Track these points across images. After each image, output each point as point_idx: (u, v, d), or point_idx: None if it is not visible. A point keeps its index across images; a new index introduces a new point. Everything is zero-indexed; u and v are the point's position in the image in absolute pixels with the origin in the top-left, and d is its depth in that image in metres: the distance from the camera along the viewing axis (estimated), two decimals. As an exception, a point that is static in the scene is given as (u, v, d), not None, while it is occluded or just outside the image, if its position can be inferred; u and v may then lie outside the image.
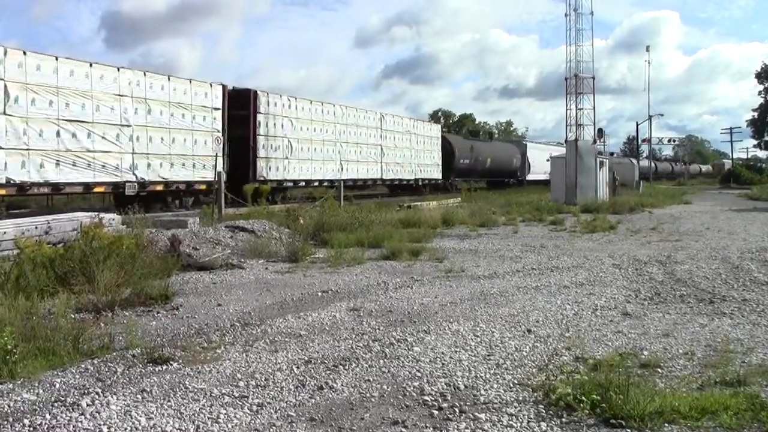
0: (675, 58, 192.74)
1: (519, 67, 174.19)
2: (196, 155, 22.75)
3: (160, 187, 21.80)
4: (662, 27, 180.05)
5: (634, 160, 55.47)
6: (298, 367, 5.12)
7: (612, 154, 50.76)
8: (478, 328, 6.32)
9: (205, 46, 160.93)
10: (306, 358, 5.36)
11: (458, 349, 5.61)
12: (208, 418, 4.13)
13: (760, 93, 66.96)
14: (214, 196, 18.32)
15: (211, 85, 24.00)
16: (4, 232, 9.01)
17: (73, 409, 4.21)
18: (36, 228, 9.59)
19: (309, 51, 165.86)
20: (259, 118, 25.91)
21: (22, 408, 4.27)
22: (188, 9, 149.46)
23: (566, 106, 29.98)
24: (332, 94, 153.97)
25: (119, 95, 20.09)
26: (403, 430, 3.97)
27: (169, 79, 22.31)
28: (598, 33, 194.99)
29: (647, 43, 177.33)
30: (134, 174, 20.59)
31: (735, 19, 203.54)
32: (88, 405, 4.27)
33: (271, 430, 3.97)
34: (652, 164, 64.45)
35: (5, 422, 4.02)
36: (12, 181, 17.20)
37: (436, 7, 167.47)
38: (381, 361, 5.29)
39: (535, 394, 4.49)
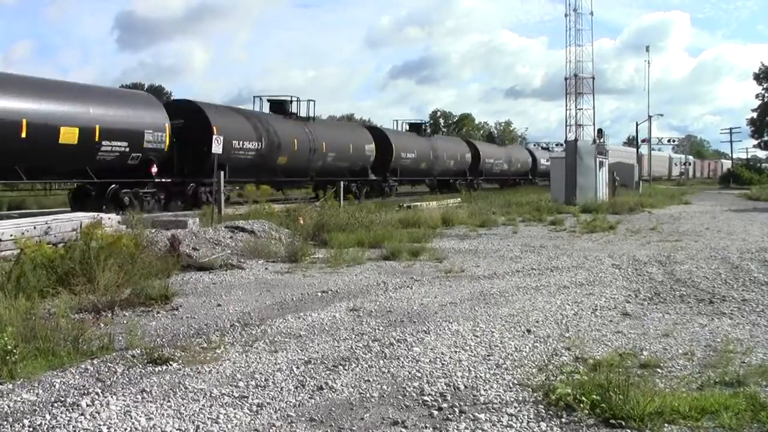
0: (682, 58, 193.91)
1: (526, 68, 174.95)
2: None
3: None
4: (671, 28, 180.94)
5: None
6: (297, 368, 5.12)
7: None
8: (477, 329, 6.32)
9: (216, 48, 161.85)
10: (306, 359, 5.36)
11: (458, 350, 5.61)
12: (208, 418, 4.13)
13: (758, 96, 67.06)
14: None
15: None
16: (4, 233, 9.01)
17: (72, 410, 4.21)
18: (35, 228, 9.58)
19: (319, 52, 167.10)
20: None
21: (21, 408, 4.27)
22: (199, 11, 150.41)
23: (566, 106, 30.10)
24: (340, 94, 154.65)
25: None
26: (402, 430, 3.97)
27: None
28: (607, 34, 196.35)
29: (657, 44, 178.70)
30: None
31: (742, 20, 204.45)
32: (87, 405, 4.27)
33: (271, 430, 3.97)
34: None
35: (5, 422, 4.02)
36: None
37: (448, 8, 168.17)
38: (381, 361, 5.30)
39: (535, 394, 4.49)
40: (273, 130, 26.29)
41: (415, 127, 41.95)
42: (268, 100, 29.33)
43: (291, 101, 29.27)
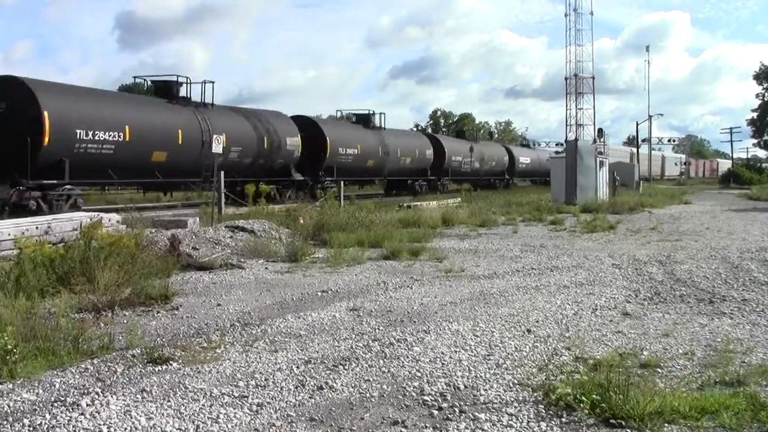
0: (682, 58, 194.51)
1: (526, 68, 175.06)
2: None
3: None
4: (671, 28, 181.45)
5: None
6: (297, 367, 5.12)
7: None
8: (477, 328, 6.32)
9: (216, 48, 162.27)
10: (306, 358, 5.36)
11: (458, 349, 5.61)
12: (208, 418, 4.13)
13: (758, 95, 67.17)
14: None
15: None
16: (3, 232, 9.01)
17: (72, 409, 4.21)
18: (36, 228, 9.59)
19: (319, 52, 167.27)
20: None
21: (21, 408, 4.27)
22: (199, 11, 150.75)
23: (566, 105, 30.10)
24: (340, 94, 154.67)
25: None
26: (402, 430, 3.97)
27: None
28: (607, 34, 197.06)
29: (657, 44, 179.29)
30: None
31: (742, 21, 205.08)
32: (87, 405, 4.27)
33: (271, 430, 3.97)
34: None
35: (5, 422, 4.02)
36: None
37: (448, 8, 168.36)
38: (381, 361, 5.30)
39: (535, 394, 4.49)
40: (147, 118, 20.57)
41: (363, 119, 35.21)
42: (152, 81, 23.85)
43: (180, 83, 23.16)
